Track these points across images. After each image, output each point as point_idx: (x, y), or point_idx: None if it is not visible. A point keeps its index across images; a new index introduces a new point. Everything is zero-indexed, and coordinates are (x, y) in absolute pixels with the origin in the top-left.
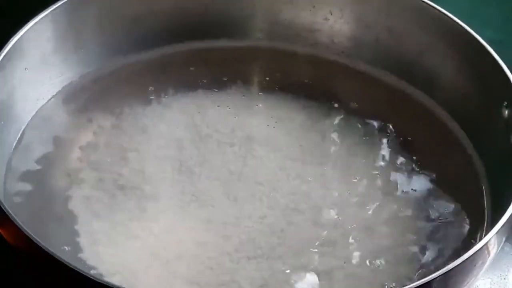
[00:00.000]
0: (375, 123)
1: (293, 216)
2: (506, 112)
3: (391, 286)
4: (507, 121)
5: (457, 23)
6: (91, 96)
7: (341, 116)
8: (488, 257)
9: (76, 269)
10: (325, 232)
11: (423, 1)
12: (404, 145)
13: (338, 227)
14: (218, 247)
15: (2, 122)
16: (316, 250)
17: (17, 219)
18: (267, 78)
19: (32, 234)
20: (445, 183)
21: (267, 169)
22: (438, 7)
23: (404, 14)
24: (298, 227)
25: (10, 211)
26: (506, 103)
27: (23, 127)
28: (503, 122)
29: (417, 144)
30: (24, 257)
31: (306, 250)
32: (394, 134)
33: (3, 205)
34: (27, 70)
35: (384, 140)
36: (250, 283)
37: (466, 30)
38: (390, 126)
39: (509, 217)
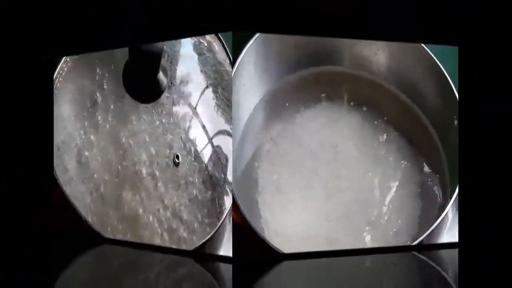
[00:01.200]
0: (393, 126)
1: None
2: (455, 122)
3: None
4: (456, 128)
5: (434, 59)
6: (271, 107)
7: (383, 125)
8: (448, 221)
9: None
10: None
11: (417, 43)
12: (407, 143)
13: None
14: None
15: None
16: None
17: (241, 207)
18: (350, 95)
19: (250, 220)
20: (430, 165)
21: (342, 166)
22: (424, 46)
23: (407, 49)
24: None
25: (238, 200)
26: (455, 116)
27: (240, 132)
28: (455, 129)
29: (415, 141)
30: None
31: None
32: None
33: (235, 197)
34: (244, 86)
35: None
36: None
37: (437, 63)
38: (401, 127)
39: (456, 194)
